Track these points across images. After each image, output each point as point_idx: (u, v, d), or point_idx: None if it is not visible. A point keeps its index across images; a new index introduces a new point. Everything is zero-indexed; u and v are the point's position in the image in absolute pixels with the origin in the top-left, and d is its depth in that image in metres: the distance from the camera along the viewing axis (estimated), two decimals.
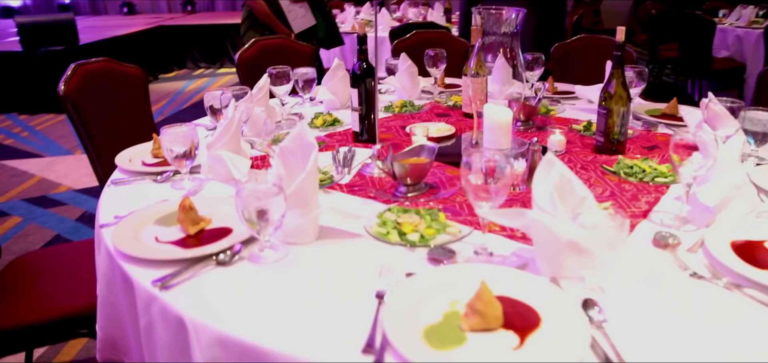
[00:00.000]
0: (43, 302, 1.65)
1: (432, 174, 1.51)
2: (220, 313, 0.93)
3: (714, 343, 0.84)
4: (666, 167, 1.50)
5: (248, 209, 1.03)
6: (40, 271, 1.82)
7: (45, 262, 1.89)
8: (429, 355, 0.79)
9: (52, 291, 1.71)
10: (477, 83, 2.09)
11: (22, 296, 1.68)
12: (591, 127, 1.91)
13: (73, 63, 2.35)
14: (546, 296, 0.92)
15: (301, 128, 1.17)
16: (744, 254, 1.07)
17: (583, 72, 3.05)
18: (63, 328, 1.63)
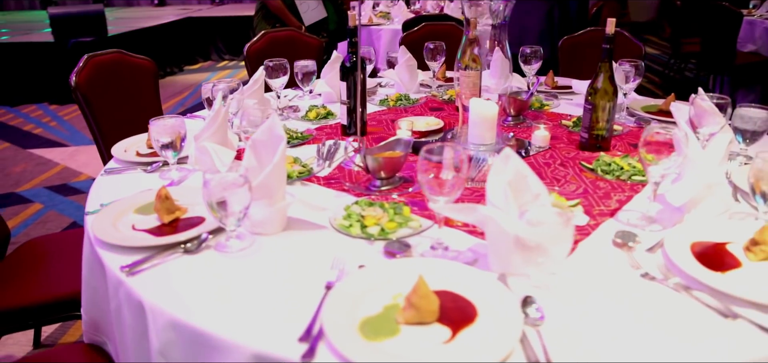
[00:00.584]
0: (49, 284, 1.75)
1: (410, 168, 1.54)
2: (177, 298, 0.98)
3: (649, 344, 0.85)
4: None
5: (211, 200, 1.08)
6: (46, 255, 1.92)
7: (51, 246, 1.99)
8: (358, 345, 0.82)
9: (58, 273, 1.81)
10: (468, 77, 2.10)
11: (30, 278, 1.78)
12: (580, 123, 1.89)
13: (86, 55, 2.45)
14: (488, 292, 0.94)
15: (272, 121, 1.21)
16: (702, 256, 1.06)
17: (591, 66, 2.99)
18: (66, 309, 1.72)
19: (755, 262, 1.05)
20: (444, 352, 0.82)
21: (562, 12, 4.25)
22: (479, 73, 2.12)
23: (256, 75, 1.98)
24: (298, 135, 1.83)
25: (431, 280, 0.97)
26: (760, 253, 1.05)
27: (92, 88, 2.38)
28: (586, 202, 1.33)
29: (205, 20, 9.19)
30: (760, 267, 1.04)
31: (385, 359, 0.79)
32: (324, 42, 3.99)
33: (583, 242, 1.15)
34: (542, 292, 0.97)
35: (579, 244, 1.14)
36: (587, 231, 1.19)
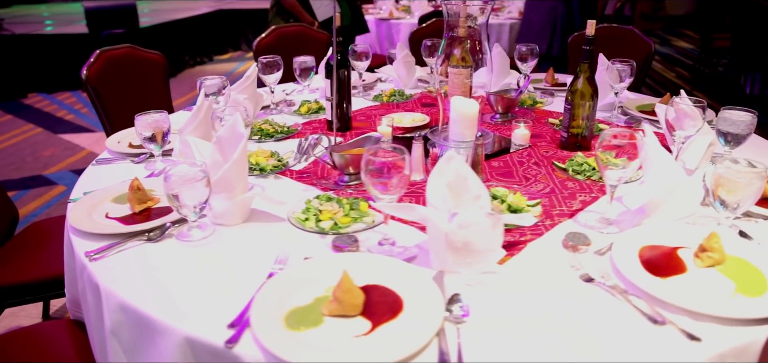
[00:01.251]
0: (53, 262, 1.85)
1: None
2: (130, 283, 1.04)
3: (567, 345, 0.86)
4: None
5: (168, 192, 1.14)
6: (52, 235, 2.03)
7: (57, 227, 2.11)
8: (278, 333, 0.86)
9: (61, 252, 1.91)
10: (459, 75, 2.10)
11: (36, 255, 1.89)
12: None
13: (98, 49, 2.57)
14: (418, 289, 0.96)
15: (234, 120, 1.26)
16: (649, 261, 1.06)
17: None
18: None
19: (702, 269, 1.04)
20: (356, 344, 0.85)
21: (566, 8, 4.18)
22: (469, 70, 2.13)
23: (248, 71, 2.04)
24: (284, 129, 1.88)
25: (368, 274, 1.00)
26: (707, 259, 1.04)
27: (102, 82, 2.50)
28: (548, 203, 1.33)
29: (236, 12, 9.38)
30: (705, 273, 1.02)
31: (299, 347, 0.83)
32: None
33: (533, 242, 1.16)
34: (475, 291, 0.98)
35: (528, 244, 1.15)
36: (540, 231, 1.20)
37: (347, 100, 1.90)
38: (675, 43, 8.31)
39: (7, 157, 4.37)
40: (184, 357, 0.92)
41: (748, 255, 1.07)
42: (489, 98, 2.04)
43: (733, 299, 0.95)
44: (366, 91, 2.44)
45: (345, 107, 1.90)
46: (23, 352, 1.35)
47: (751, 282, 0.99)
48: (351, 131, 1.91)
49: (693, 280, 1.01)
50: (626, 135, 1.16)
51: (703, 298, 0.94)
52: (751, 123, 1.51)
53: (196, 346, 0.90)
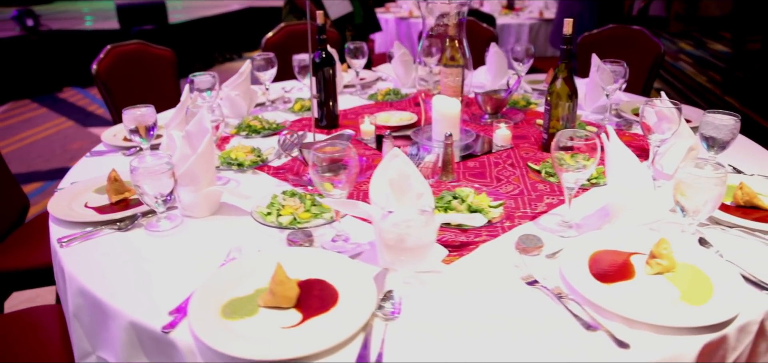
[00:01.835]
0: None
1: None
2: (91, 269, 1.10)
3: (494, 347, 0.86)
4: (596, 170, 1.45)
5: (133, 183, 1.19)
6: None
7: None
8: (209, 321, 0.89)
9: None
10: (450, 74, 2.10)
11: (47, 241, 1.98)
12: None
13: (109, 45, 2.68)
14: (356, 285, 0.98)
15: (201, 115, 1.31)
16: (597, 266, 1.04)
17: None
18: None
19: (650, 276, 1.02)
20: (283, 334, 0.88)
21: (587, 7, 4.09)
22: (461, 70, 2.13)
23: (242, 68, 2.09)
24: (272, 126, 1.92)
25: (312, 269, 1.03)
26: (656, 266, 1.02)
27: (112, 77, 2.60)
28: (513, 204, 1.33)
29: (266, 9, 9.54)
30: (652, 280, 1.01)
31: (227, 335, 0.86)
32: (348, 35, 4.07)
33: (487, 244, 1.16)
34: (415, 289, 1.00)
35: (481, 245, 1.15)
36: (497, 233, 1.20)
37: (333, 97, 1.93)
38: (711, 45, 8.02)
39: (38, 149, 4.58)
40: (129, 340, 0.97)
41: (703, 263, 1.04)
42: (477, 98, 2.03)
43: (674, 307, 0.94)
44: (364, 90, 2.47)
45: (331, 105, 1.93)
46: (9, 336, 1.43)
47: (697, 290, 0.97)
48: (338, 128, 1.94)
49: (638, 286, 0.99)
50: (582, 136, 1.15)
51: (641, 306, 0.93)
52: (734, 127, 1.47)
53: (139, 330, 0.95)
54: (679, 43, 8.36)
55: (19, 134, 4.98)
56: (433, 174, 1.47)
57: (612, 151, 1.25)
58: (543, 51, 4.94)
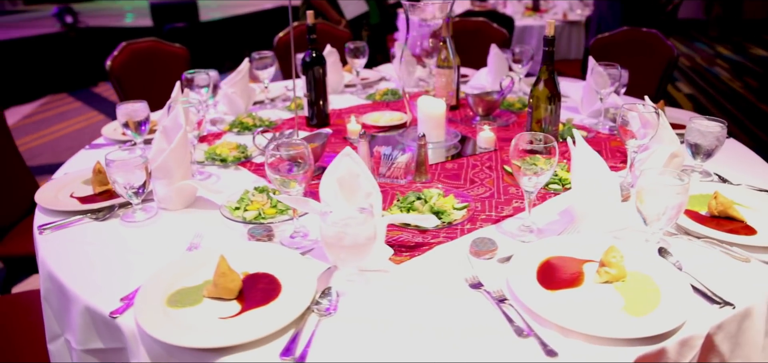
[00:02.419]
0: None
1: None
2: (62, 255, 1.16)
3: (431, 349, 0.86)
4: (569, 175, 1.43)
5: (109, 177, 1.25)
6: None
7: None
8: (152, 308, 0.93)
9: None
10: (442, 75, 2.11)
11: None
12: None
13: (124, 41, 2.78)
14: (300, 280, 1.00)
15: (176, 111, 1.36)
16: (545, 272, 1.03)
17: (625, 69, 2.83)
18: None
19: (598, 284, 1.01)
20: (218, 324, 0.91)
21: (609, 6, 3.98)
22: (453, 70, 2.13)
23: (240, 66, 2.14)
24: (263, 123, 1.97)
25: (262, 263, 1.06)
26: (605, 274, 1.00)
27: (125, 72, 2.70)
28: (479, 207, 1.32)
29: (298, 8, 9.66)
30: (599, 289, 0.99)
31: (164, 322, 0.90)
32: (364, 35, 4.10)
33: (443, 245, 1.16)
34: (358, 287, 1.01)
35: (436, 247, 1.15)
36: (455, 235, 1.20)
37: (323, 97, 1.96)
38: (751, 50, 7.70)
39: (68, 141, 4.80)
40: (85, 324, 1.02)
41: (656, 273, 1.02)
42: (468, 99, 2.03)
43: (613, 317, 0.92)
44: (364, 90, 2.49)
45: (321, 104, 1.96)
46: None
47: (642, 301, 0.95)
48: (328, 127, 1.97)
49: (583, 295, 0.98)
50: (542, 139, 1.14)
51: (578, 314, 0.92)
52: (719, 135, 1.42)
53: (93, 315, 1.00)
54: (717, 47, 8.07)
55: (53, 126, 5.22)
56: (406, 174, 1.48)
57: (578, 156, 1.23)
58: (566, 53, 4.85)
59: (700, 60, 7.29)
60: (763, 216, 1.25)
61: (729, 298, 0.97)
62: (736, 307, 0.95)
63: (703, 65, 7.02)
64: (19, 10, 9.48)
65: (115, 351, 0.99)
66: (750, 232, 1.18)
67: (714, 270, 1.06)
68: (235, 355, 0.85)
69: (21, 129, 5.13)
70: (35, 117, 5.58)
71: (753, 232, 1.18)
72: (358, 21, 3.98)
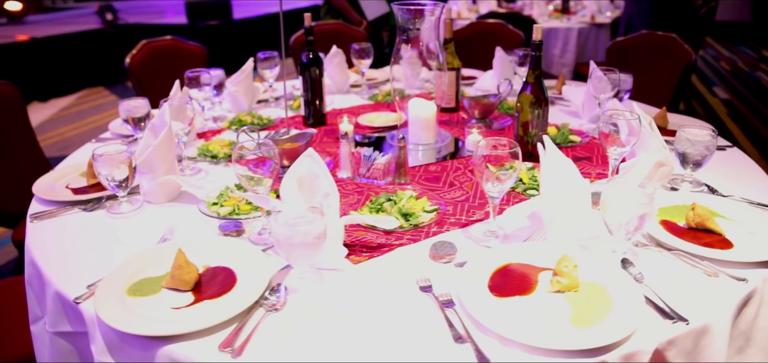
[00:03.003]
0: None
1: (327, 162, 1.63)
2: (45, 243, 1.23)
3: (370, 348, 0.88)
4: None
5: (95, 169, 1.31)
6: None
7: None
8: (111, 294, 0.98)
9: None
10: (443, 77, 2.11)
11: None
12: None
13: (144, 40, 2.89)
14: (255, 275, 1.03)
15: (163, 110, 1.41)
16: (499, 278, 1.03)
17: (642, 75, 2.76)
18: None
19: (550, 293, 0.99)
20: (169, 314, 0.95)
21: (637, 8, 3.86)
22: (455, 73, 2.13)
23: (244, 66, 2.20)
24: (263, 121, 2.01)
25: (225, 257, 1.10)
26: (556, 283, 0.99)
27: (144, 70, 2.81)
28: (450, 210, 1.32)
29: None
30: (549, 298, 0.98)
31: (118, 309, 0.94)
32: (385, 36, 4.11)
33: (405, 247, 1.17)
34: (311, 284, 1.03)
35: (397, 248, 1.16)
36: (419, 237, 1.20)
37: (319, 97, 1.98)
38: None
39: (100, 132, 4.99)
40: (56, 308, 1.08)
41: (613, 285, 1.00)
42: (463, 102, 2.02)
43: (555, 328, 0.90)
44: (370, 90, 2.51)
45: (317, 104, 1.99)
46: None
47: (591, 313, 0.93)
48: (325, 126, 2.00)
49: (532, 303, 0.97)
50: (506, 145, 1.14)
51: (520, 323, 0.91)
52: (708, 144, 1.38)
53: (62, 300, 1.06)
54: (765, 51, 7.70)
55: (87, 119, 5.46)
56: (385, 175, 1.49)
57: (547, 161, 1.21)
58: (592, 56, 4.73)
59: (742, 64, 6.98)
60: (745, 230, 1.20)
61: (689, 314, 0.94)
62: (691, 323, 0.93)
63: (744, 70, 6.72)
64: (68, 7, 9.92)
65: (81, 335, 1.05)
66: (726, 245, 1.14)
67: (679, 284, 1.04)
68: (179, 344, 0.88)
69: (59, 120, 5.40)
70: (72, 109, 5.85)
71: (729, 245, 1.14)
72: (379, 22, 4.00)
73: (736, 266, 1.07)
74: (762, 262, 1.08)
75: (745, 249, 1.12)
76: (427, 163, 1.65)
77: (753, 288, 1.03)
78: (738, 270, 1.06)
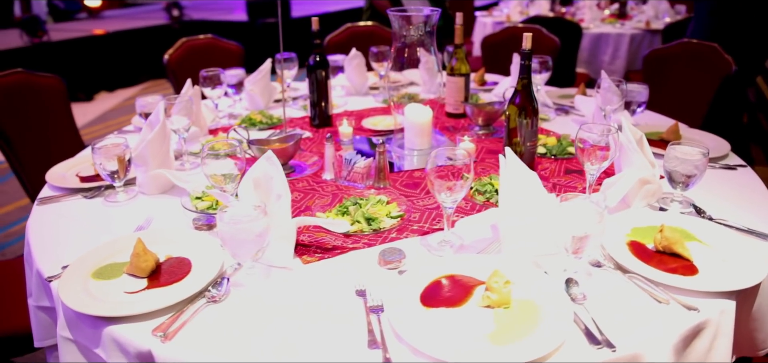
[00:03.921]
0: None
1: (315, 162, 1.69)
2: (41, 225, 1.35)
3: (287, 347, 0.91)
4: None
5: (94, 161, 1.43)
6: None
7: None
8: (76, 276, 1.07)
9: None
10: (454, 83, 2.11)
11: None
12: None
13: (183, 38, 3.06)
14: (209, 268, 1.09)
15: (159, 108, 1.51)
16: (434, 289, 1.03)
17: (679, 85, 2.63)
18: None
19: (480, 307, 0.99)
20: (120, 297, 1.03)
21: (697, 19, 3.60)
22: (464, 79, 2.12)
23: (262, 66, 2.29)
24: (272, 120, 2.09)
25: (189, 249, 1.17)
26: (486, 299, 0.99)
27: (181, 66, 2.98)
28: (416, 218, 1.33)
29: None
30: (477, 312, 0.97)
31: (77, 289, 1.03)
32: None
33: (358, 251, 1.19)
34: (256, 280, 1.09)
35: (350, 251, 1.19)
36: (375, 242, 1.22)
37: (325, 99, 2.04)
38: None
39: None
40: (38, 285, 1.20)
41: (547, 305, 0.98)
42: (466, 109, 2.00)
43: (471, 344, 0.90)
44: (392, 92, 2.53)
45: (323, 105, 2.04)
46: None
47: (513, 331, 0.92)
48: (330, 128, 2.05)
49: (458, 316, 0.97)
50: (459, 156, 1.14)
51: (437, 336, 0.91)
52: (698, 163, 1.31)
53: (40, 277, 1.17)
54: None
55: None
56: (365, 179, 1.52)
57: (507, 172, 1.20)
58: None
59: None
60: (719, 257, 1.13)
61: (623, 341, 0.91)
62: (619, 350, 0.90)
63: None
64: (143, 3, 10.59)
65: (54, 310, 1.15)
66: (690, 272, 1.09)
67: (624, 308, 1.00)
68: (121, 325, 0.96)
69: (120, 109, 5.79)
70: (133, 100, 6.25)
71: (693, 272, 1.09)
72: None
73: (693, 295, 1.02)
74: (724, 293, 1.02)
75: (709, 277, 1.06)
76: (419, 168, 1.66)
77: (705, 319, 0.98)
78: (694, 299, 1.01)
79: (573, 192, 1.45)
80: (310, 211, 1.37)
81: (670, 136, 1.77)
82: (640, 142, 1.43)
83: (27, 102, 2.24)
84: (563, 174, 1.59)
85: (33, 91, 2.27)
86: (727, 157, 1.69)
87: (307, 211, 1.38)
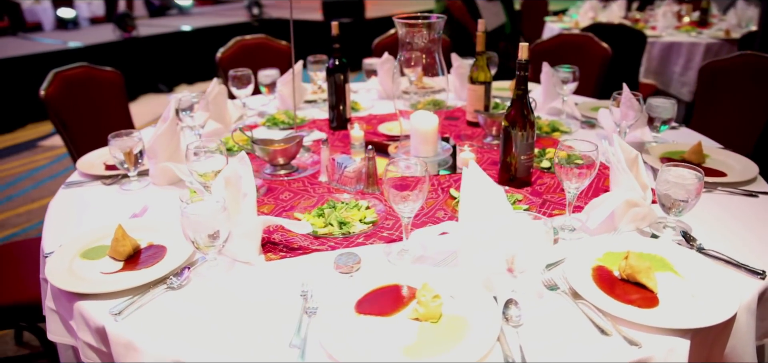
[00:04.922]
0: None
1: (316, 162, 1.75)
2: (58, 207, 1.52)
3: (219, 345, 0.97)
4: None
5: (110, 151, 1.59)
6: None
7: None
8: (64, 254, 1.20)
9: None
10: (475, 91, 2.10)
11: None
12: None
13: (235, 37, 3.25)
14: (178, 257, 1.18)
15: (171, 104, 1.64)
16: (371, 297, 1.05)
17: (735, 101, 2.43)
18: None
19: (408, 320, 0.99)
20: (96, 277, 1.14)
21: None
22: (485, 87, 2.10)
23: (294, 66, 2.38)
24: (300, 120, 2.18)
25: (166, 237, 1.27)
26: (414, 311, 0.99)
27: (231, 66, 3.15)
28: (389, 225, 1.35)
29: None
30: (405, 324, 0.98)
31: (61, 268, 1.16)
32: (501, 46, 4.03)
33: (321, 253, 1.23)
34: (219, 272, 1.16)
35: (314, 252, 1.24)
36: (339, 246, 1.26)
37: (343, 101, 2.09)
38: None
39: None
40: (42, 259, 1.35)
41: (476, 325, 0.97)
42: (479, 118, 1.97)
43: (384, 354, 0.91)
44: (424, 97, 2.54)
45: (341, 108, 2.10)
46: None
47: (431, 347, 0.92)
48: (346, 130, 2.10)
49: (384, 325, 0.98)
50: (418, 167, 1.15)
51: (351, 343, 0.93)
52: (692, 186, 1.22)
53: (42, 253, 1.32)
54: None
55: None
56: (355, 183, 1.55)
57: (468, 184, 1.18)
58: None
59: None
60: (689, 291, 1.06)
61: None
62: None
63: None
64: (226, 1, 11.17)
65: None
66: (648, 304, 1.02)
67: (562, 335, 0.97)
68: (88, 302, 1.07)
69: None
70: None
71: (652, 304, 1.02)
72: (496, 32, 3.97)
73: (643, 329, 0.96)
74: (677, 331, 0.96)
75: (667, 312, 1.00)
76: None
77: (647, 356, 0.92)
78: (642, 334, 0.95)
79: (558, 209, 1.41)
80: (292, 211, 1.43)
81: (692, 157, 1.64)
82: (633, 161, 1.35)
83: (88, 93, 2.49)
84: (560, 191, 1.54)
85: (94, 83, 2.52)
86: (754, 182, 1.55)
87: (291, 211, 1.44)
